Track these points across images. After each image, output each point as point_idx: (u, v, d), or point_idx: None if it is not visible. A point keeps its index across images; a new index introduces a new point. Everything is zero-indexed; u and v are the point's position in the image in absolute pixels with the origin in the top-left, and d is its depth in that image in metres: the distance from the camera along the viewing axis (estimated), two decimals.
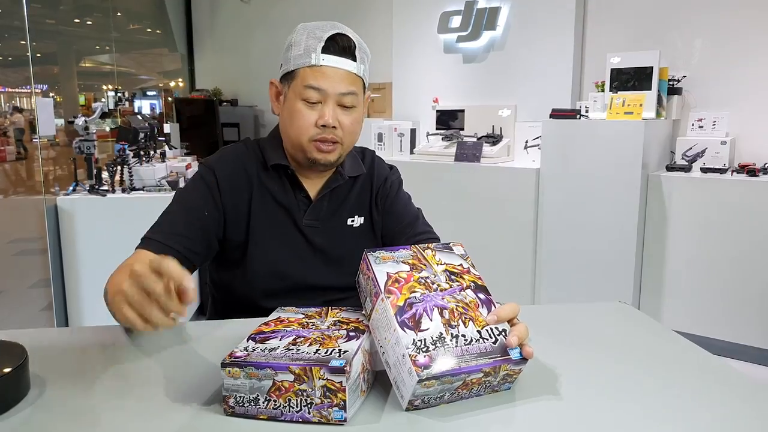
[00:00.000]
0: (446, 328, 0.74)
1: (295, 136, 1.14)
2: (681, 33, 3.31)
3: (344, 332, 0.78)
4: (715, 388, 0.81)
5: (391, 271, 0.80)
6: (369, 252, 0.83)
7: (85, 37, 8.38)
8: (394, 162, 1.41)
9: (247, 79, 5.88)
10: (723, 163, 3.04)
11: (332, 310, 0.88)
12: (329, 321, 0.83)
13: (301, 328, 0.80)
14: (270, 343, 0.74)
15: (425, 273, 0.81)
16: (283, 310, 0.88)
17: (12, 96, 11.50)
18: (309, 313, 0.86)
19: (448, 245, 0.88)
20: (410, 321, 0.73)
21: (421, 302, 0.76)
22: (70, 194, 2.84)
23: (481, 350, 0.74)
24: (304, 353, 0.71)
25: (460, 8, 4.04)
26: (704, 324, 2.92)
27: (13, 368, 0.70)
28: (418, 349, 0.71)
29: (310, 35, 1.12)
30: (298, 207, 1.20)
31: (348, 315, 0.86)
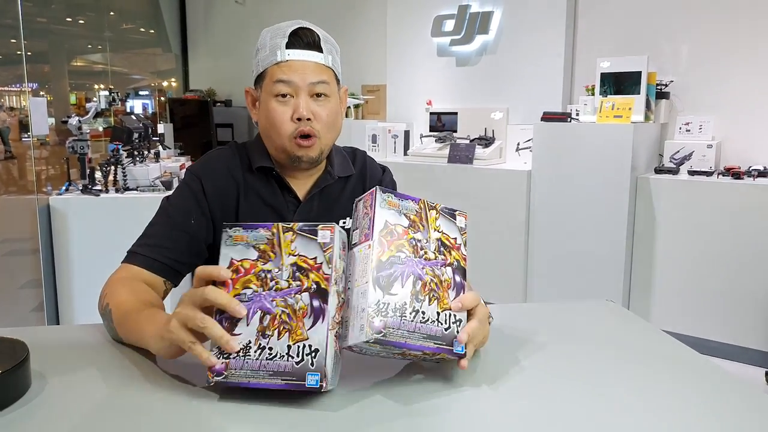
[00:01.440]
0: (411, 300, 0.75)
1: (276, 136, 1.13)
2: (669, 39, 3.36)
3: (307, 299, 0.74)
4: (700, 386, 0.83)
5: (390, 220, 0.78)
6: (380, 190, 0.79)
7: (77, 36, 8.34)
8: (388, 163, 1.42)
9: (241, 80, 5.88)
10: (709, 166, 3.09)
11: (284, 235, 0.77)
12: (287, 265, 0.76)
13: (262, 287, 0.75)
14: (240, 337, 0.73)
15: (419, 235, 0.79)
16: (231, 240, 0.78)
17: (1, 94, 11.40)
18: (261, 246, 0.77)
19: (453, 213, 0.85)
20: (384, 280, 0.74)
21: (402, 264, 0.76)
22: (62, 194, 2.84)
23: (431, 333, 0.76)
24: (277, 357, 0.72)
25: (453, 12, 4.07)
26: (692, 324, 2.96)
27: (14, 365, 0.72)
28: (379, 311, 0.72)
29: (273, 35, 1.13)
30: (287, 208, 1.19)
31: (304, 251, 0.76)
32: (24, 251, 3.19)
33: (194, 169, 1.21)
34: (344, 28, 4.86)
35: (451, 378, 0.83)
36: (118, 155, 2.97)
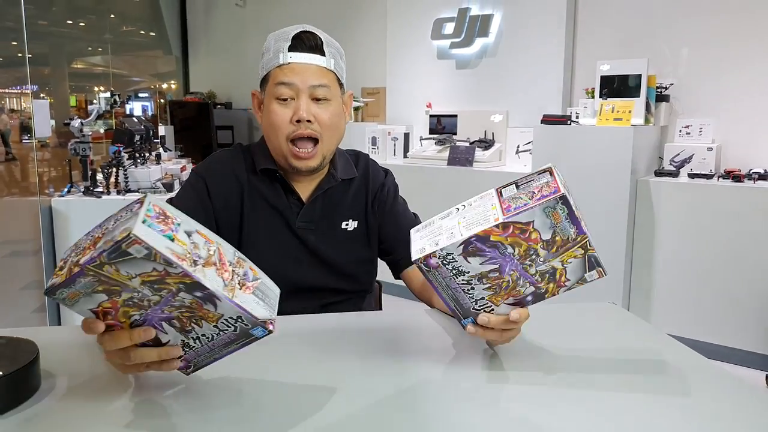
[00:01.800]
0: (475, 275, 0.78)
1: (274, 138, 1.14)
2: (668, 42, 3.37)
3: (187, 296, 0.67)
4: (704, 388, 0.83)
5: (537, 223, 0.74)
6: (562, 201, 0.73)
7: (77, 39, 8.35)
8: (388, 165, 1.43)
9: (242, 83, 5.89)
10: (709, 168, 3.10)
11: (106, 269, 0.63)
12: (138, 286, 0.66)
13: (142, 309, 0.68)
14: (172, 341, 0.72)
15: (543, 252, 0.77)
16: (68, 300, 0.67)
17: (1, 97, 11.40)
18: (98, 288, 0.65)
19: (595, 266, 0.82)
20: (472, 246, 0.75)
21: (501, 255, 0.76)
22: (64, 195, 2.85)
23: (462, 301, 0.81)
24: (216, 336, 0.71)
25: (453, 15, 4.09)
26: (692, 327, 2.97)
27: (24, 364, 0.72)
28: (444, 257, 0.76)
29: (278, 38, 1.15)
30: (291, 209, 1.20)
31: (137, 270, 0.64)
32: (26, 252, 3.20)
33: (199, 170, 1.22)
34: (344, 31, 4.87)
35: (452, 377, 0.84)
36: (120, 157, 2.97)
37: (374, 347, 0.94)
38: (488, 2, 3.96)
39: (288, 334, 0.98)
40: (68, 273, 0.64)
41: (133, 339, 0.69)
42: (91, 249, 0.64)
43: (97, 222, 0.70)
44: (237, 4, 5.84)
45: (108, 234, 0.65)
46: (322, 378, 0.82)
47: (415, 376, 0.84)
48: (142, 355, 0.71)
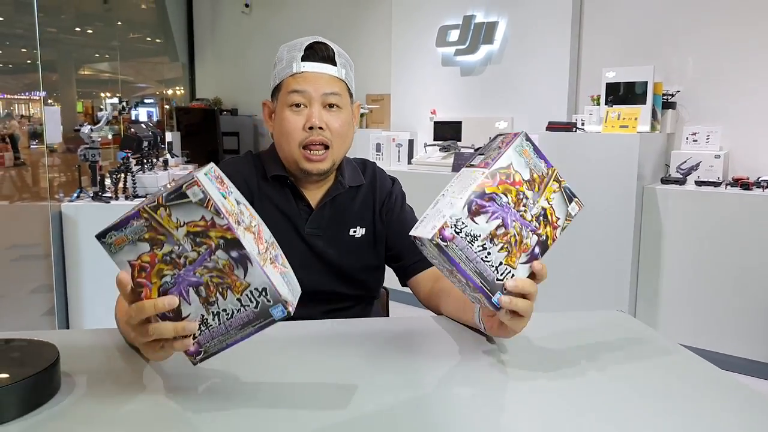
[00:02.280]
0: (486, 237, 0.79)
1: (286, 144, 1.17)
2: (675, 49, 3.39)
3: (223, 255, 0.70)
4: (713, 398, 0.83)
5: (515, 164, 0.81)
6: (525, 137, 0.82)
7: (85, 46, 8.43)
8: (392, 172, 1.44)
9: (247, 89, 5.93)
10: (717, 176, 3.10)
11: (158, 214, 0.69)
12: (182, 238, 0.70)
13: (176, 268, 0.71)
14: (191, 316, 0.72)
15: (530, 194, 0.82)
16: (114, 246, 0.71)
17: (10, 102, 11.51)
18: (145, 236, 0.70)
19: (572, 197, 0.89)
20: (475, 206, 0.78)
21: (499, 207, 0.79)
22: (74, 201, 2.88)
23: (485, 273, 0.80)
24: (235, 313, 0.72)
25: (458, 22, 4.11)
26: (699, 336, 2.96)
27: (45, 367, 0.74)
28: (455, 225, 0.77)
29: (290, 49, 1.18)
30: (300, 215, 1.22)
31: (187, 217, 0.70)
32: (35, 256, 3.22)
33: None
34: (349, 38, 4.90)
35: (458, 383, 0.84)
36: (128, 163, 3.00)
37: (381, 353, 0.95)
38: (493, 9, 3.98)
39: (295, 339, 0.99)
40: (124, 216, 0.70)
41: (157, 307, 0.70)
42: (150, 198, 0.71)
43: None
44: (243, 12, 5.88)
45: (169, 186, 0.72)
46: (329, 383, 0.83)
47: (421, 381, 0.85)
48: (160, 330, 0.71)
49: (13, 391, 0.69)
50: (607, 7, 3.63)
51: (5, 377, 0.71)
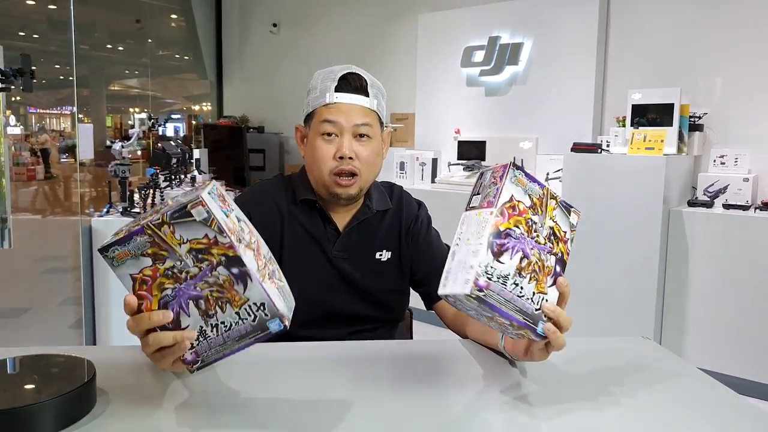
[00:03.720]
0: (515, 273, 0.79)
1: (317, 171, 1.20)
2: (702, 71, 3.36)
3: (224, 271, 0.73)
4: (741, 428, 0.82)
5: (516, 195, 0.82)
6: (513, 166, 0.84)
7: (116, 62, 8.67)
8: (415, 190, 1.46)
9: (274, 107, 6.03)
10: (746, 200, 3.05)
11: (162, 231, 0.72)
12: (184, 254, 0.73)
13: (177, 282, 0.73)
14: (190, 327, 0.74)
15: (537, 218, 0.83)
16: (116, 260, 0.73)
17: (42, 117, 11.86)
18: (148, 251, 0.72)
19: (569, 208, 0.89)
20: (496, 247, 0.79)
21: (516, 239, 0.80)
22: (104, 215, 2.95)
23: (524, 308, 0.81)
24: (233, 326, 0.74)
25: (483, 43, 4.14)
26: (727, 362, 2.90)
27: (81, 383, 0.76)
28: (486, 272, 0.77)
29: (324, 78, 1.20)
30: (328, 239, 1.25)
31: (190, 235, 0.72)
32: (64, 269, 3.30)
33: (241, 200, 1.27)
34: (375, 57, 4.97)
35: (481, 408, 0.84)
36: (157, 179, 3.06)
37: (404, 376, 0.95)
38: (518, 31, 4.01)
39: (319, 359, 1.00)
40: (126, 232, 0.72)
41: (152, 320, 0.73)
42: (154, 215, 0.73)
43: None
44: (271, 32, 6.00)
45: (172, 204, 0.74)
46: (351, 404, 0.83)
47: (444, 406, 0.85)
48: (159, 339, 0.74)
49: (51, 406, 0.71)
50: (633, 29, 3.63)
51: (43, 393, 0.73)
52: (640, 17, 3.59)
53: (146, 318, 0.74)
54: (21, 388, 0.78)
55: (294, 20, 5.83)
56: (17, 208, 4.38)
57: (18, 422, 0.69)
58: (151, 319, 0.73)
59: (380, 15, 5.05)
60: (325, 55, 5.28)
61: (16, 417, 0.69)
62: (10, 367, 0.82)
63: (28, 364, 0.84)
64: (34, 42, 7.73)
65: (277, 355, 1.02)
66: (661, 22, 3.50)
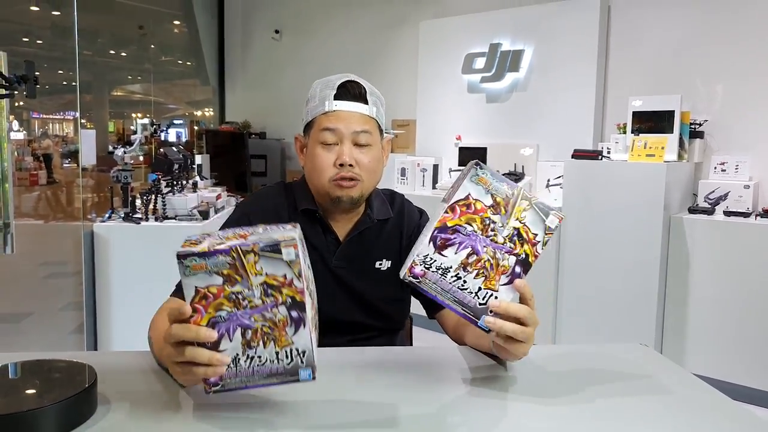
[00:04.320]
0: (458, 267, 0.84)
1: (317, 179, 1.20)
2: (703, 78, 3.37)
3: (284, 311, 0.75)
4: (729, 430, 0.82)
5: (473, 194, 0.84)
6: (478, 164, 0.85)
7: (119, 68, 8.71)
8: (416, 196, 1.47)
9: (276, 113, 6.05)
10: (746, 206, 3.05)
11: (246, 258, 0.74)
12: (256, 285, 0.75)
13: (235, 307, 0.75)
14: (227, 351, 0.75)
15: (497, 218, 0.84)
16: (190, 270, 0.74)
17: (45, 122, 11.89)
18: (224, 271, 0.74)
19: (548, 211, 0.87)
20: (440, 241, 0.83)
21: (465, 236, 0.84)
22: (106, 221, 2.96)
23: (464, 300, 0.85)
24: (267, 363, 0.76)
25: (484, 50, 4.16)
26: (728, 369, 2.89)
27: (83, 389, 0.76)
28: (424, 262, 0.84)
29: (323, 87, 1.21)
30: (328, 248, 1.25)
31: (271, 270, 0.75)
32: (66, 274, 3.30)
33: (244, 207, 1.28)
34: (376, 63, 4.99)
35: (477, 415, 0.85)
36: (158, 185, 3.08)
37: (402, 382, 0.96)
38: (519, 38, 4.02)
39: (319, 366, 1.01)
40: (210, 247, 0.74)
41: (199, 335, 0.74)
42: (239, 239, 0.75)
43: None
44: (273, 38, 6.03)
45: (261, 234, 0.77)
46: (351, 410, 0.84)
47: (439, 411, 0.86)
48: (196, 354, 0.75)
49: (52, 411, 0.72)
50: (634, 36, 3.64)
51: (45, 398, 0.74)
52: (641, 24, 3.61)
53: (194, 330, 0.74)
54: (22, 393, 0.79)
55: (296, 27, 5.86)
56: (20, 213, 4.39)
57: (19, 427, 0.69)
58: (198, 333, 0.74)
59: (382, 22, 5.08)
60: (326, 61, 5.30)
61: (18, 422, 0.69)
62: (11, 372, 0.83)
63: (30, 369, 0.84)
64: (38, 48, 7.77)
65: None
66: (662, 29, 3.52)
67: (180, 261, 0.73)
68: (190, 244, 0.76)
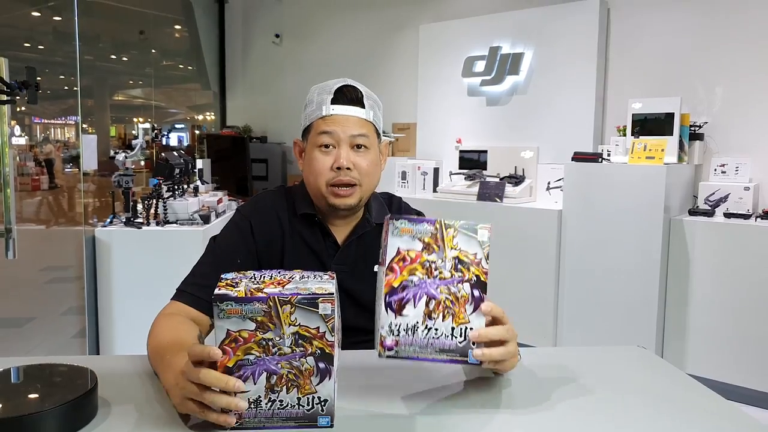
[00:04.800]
0: (424, 318, 0.81)
1: (314, 182, 1.21)
2: (703, 80, 3.38)
3: (312, 362, 0.77)
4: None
5: (402, 246, 0.83)
6: (393, 219, 0.84)
7: (120, 73, 8.74)
8: (417, 200, 1.48)
9: (276, 117, 6.06)
10: (747, 208, 3.05)
11: (282, 308, 0.76)
12: (288, 334, 0.76)
13: (264, 353, 0.76)
14: (249, 393, 0.76)
15: (434, 257, 0.83)
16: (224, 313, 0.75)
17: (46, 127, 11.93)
18: (258, 318, 0.76)
19: (474, 228, 0.85)
20: (396, 304, 0.81)
21: (415, 287, 0.82)
22: (107, 226, 2.96)
23: (444, 346, 0.82)
24: (288, 407, 0.77)
25: (484, 53, 4.17)
26: (729, 371, 2.89)
27: (83, 393, 0.77)
28: (391, 331, 0.80)
29: (320, 91, 1.22)
30: (327, 252, 1.26)
31: (305, 321, 0.76)
32: (67, 279, 3.31)
33: (245, 210, 1.28)
34: (376, 67, 5.00)
35: (473, 418, 0.85)
36: (160, 190, 3.08)
37: (402, 385, 0.96)
38: (519, 41, 4.03)
39: None
40: (248, 293, 0.75)
41: (228, 385, 0.74)
42: (276, 286, 0.78)
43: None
44: (273, 42, 6.05)
45: (298, 282, 0.80)
46: (351, 414, 0.85)
47: (440, 413, 0.86)
48: (215, 400, 0.75)
49: (53, 415, 0.73)
50: (633, 38, 3.65)
51: (46, 402, 0.75)
52: (641, 27, 3.61)
53: (224, 381, 0.74)
54: (24, 396, 0.79)
55: (296, 31, 5.87)
56: (21, 218, 4.40)
57: (21, 430, 0.70)
58: (228, 384, 0.74)
59: (382, 26, 5.09)
60: (327, 65, 5.31)
61: (20, 425, 0.70)
62: (13, 376, 0.83)
63: (32, 373, 0.85)
64: (39, 53, 7.81)
65: None
66: (662, 32, 3.53)
67: (216, 303, 0.74)
68: (227, 284, 0.78)
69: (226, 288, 0.76)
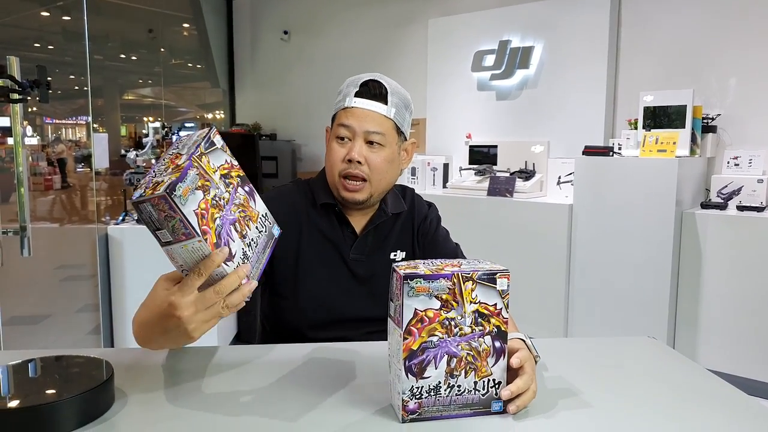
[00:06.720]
0: (446, 378, 0.79)
1: (329, 171, 1.24)
2: (715, 71, 3.34)
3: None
4: (743, 426, 0.82)
5: (419, 307, 0.78)
6: (407, 281, 0.77)
7: (129, 72, 8.79)
8: (427, 196, 1.50)
9: (286, 114, 6.07)
10: (760, 201, 3.02)
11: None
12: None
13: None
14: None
15: (453, 313, 0.79)
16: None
17: (58, 127, 12.02)
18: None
19: (493, 277, 0.81)
20: (416, 368, 0.78)
21: (435, 348, 0.79)
22: (119, 223, 2.99)
23: (467, 402, 0.81)
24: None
25: (493, 48, 4.15)
26: (740, 363, 2.87)
27: (100, 383, 0.78)
28: (413, 395, 0.78)
29: (350, 83, 1.24)
30: (345, 242, 1.27)
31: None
32: (82, 276, 3.34)
33: None
34: (385, 62, 4.99)
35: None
36: None
37: None
38: (529, 34, 4.01)
39: (334, 360, 1.02)
40: (177, 171, 0.76)
41: (215, 260, 0.77)
42: (179, 157, 0.80)
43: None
44: (282, 39, 6.06)
45: (188, 143, 0.84)
46: (365, 406, 0.85)
47: None
48: (227, 285, 0.79)
49: (71, 404, 0.74)
50: (644, 31, 3.62)
51: (63, 392, 0.76)
52: (652, 18, 3.58)
53: (210, 260, 0.77)
54: (42, 387, 0.81)
55: (304, 28, 5.88)
56: (35, 217, 4.45)
57: (40, 419, 0.71)
58: (214, 259, 0.77)
59: (391, 20, 5.08)
60: (336, 61, 5.32)
61: (39, 414, 0.71)
62: (32, 368, 0.84)
63: (49, 364, 0.86)
64: (49, 53, 7.86)
65: (292, 356, 1.04)
66: (673, 23, 3.49)
67: (172, 195, 0.73)
68: (142, 189, 0.76)
69: (140, 189, 0.76)
